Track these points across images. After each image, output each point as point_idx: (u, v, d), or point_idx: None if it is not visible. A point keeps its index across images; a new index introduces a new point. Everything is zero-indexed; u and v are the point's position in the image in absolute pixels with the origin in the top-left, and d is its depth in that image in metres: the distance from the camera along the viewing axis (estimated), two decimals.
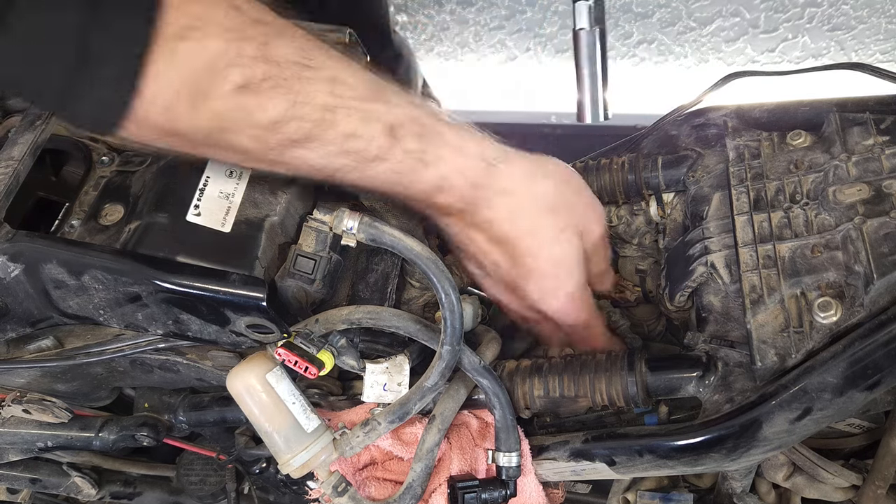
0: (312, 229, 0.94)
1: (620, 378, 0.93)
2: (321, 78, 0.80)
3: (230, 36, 0.74)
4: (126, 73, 0.71)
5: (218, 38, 0.73)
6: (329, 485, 0.93)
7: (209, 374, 1.01)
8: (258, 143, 0.81)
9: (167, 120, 0.76)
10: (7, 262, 0.85)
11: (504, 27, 2.36)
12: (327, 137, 0.82)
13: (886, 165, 0.87)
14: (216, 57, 0.74)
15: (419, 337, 0.93)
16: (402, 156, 0.86)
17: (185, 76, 0.73)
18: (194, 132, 0.78)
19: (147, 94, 0.72)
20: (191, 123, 0.77)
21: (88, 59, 0.69)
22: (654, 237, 1.13)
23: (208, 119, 0.77)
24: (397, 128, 0.85)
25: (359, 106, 0.82)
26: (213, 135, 0.79)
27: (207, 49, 0.73)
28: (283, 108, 0.78)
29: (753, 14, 2.24)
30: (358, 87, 0.83)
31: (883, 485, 0.98)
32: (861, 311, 0.81)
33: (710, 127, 1.07)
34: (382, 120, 0.84)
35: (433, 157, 0.88)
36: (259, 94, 0.77)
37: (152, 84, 0.72)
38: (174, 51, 0.71)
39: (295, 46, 0.79)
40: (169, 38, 0.71)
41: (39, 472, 1.27)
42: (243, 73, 0.75)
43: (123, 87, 0.72)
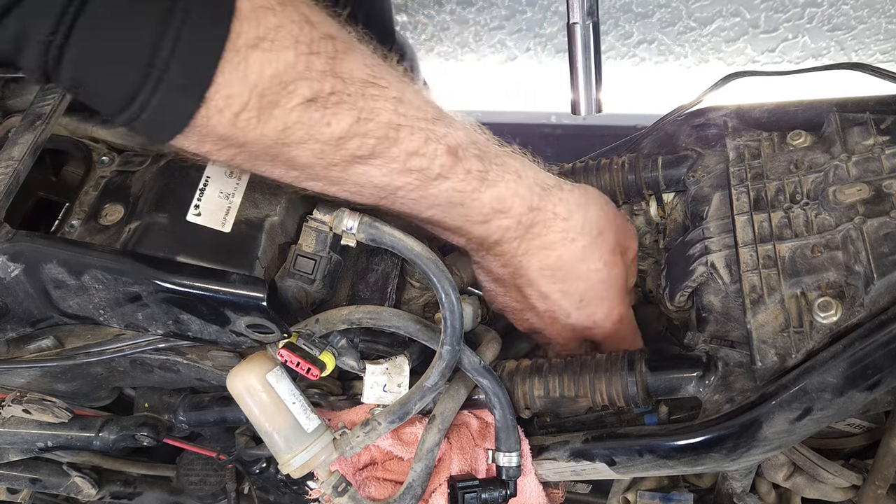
0: (312, 229, 0.93)
1: (620, 378, 0.93)
2: (387, 96, 0.80)
3: (301, 49, 0.74)
4: (194, 79, 0.70)
5: (289, 50, 0.73)
6: (329, 485, 0.93)
7: (209, 374, 1.01)
8: (320, 158, 0.80)
9: (231, 130, 0.75)
10: (7, 261, 0.84)
11: (504, 27, 2.36)
12: (391, 155, 0.82)
13: (886, 165, 0.87)
14: (286, 69, 0.73)
15: (419, 337, 0.93)
16: (464, 175, 0.87)
17: (254, 87, 0.72)
18: (257, 144, 0.77)
19: (213, 103, 0.72)
20: (255, 135, 0.76)
21: (157, 63, 0.68)
22: (654, 237, 1.13)
23: (273, 131, 0.76)
24: (459, 148, 0.86)
25: (422, 125, 0.83)
26: (275, 147, 0.78)
27: (278, 61, 0.72)
28: (348, 123, 0.78)
29: (753, 14, 2.24)
30: (422, 107, 0.84)
31: (883, 485, 0.98)
32: (861, 311, 0.81)
33: (710, 127, 1.08)
34: (445, 140, 0.85)
35: (494, 177, 0.89)
36: (325, 109, 0.77)
37: (220, 92, 0.71)
38: (245, 60, 0.71)
39: (363, 63, 0.79)
40: (241, 47, 0.70)
41: (39, 472, 1.27)
42: (311, 87, 0.75)
43: (190, 94, 0.71)
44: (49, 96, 0.97)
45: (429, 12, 2.34)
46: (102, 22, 0.66)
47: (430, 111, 0.85)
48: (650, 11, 2.25)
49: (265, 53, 0.71)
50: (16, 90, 1.11)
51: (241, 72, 0.71)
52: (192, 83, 0.70)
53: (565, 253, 0.96)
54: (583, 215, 0.96)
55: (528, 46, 2.40)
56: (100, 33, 0.66)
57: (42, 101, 0.96)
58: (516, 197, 0.91)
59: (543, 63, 2.43)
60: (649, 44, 2.33)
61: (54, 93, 0.97)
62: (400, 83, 0.83)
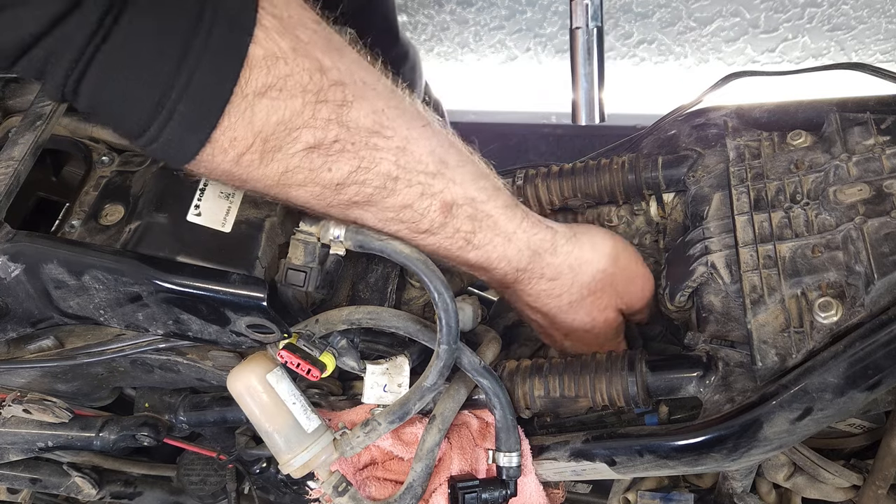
0: (300, 241, 0.92)
1: (621, 378, 0.93)
2: (389, 147, 0.82)
3: (309, 98, 0.76)
4: (201, 120, 0.73)
5: (297, 98, 0.75)
6: (329, 485, 0.93)
7: (210, 374, 1.01)
8: (319, 199, 0.83)
9: (235, 168, 0.78)
10: (7, 262, 0.84)
11: (504, 27, 2.35)
12: (385, 204, 0.85)
13: (887, 165, 0.88)
14: (292, 117, 0.75)
15: (419, 337, 0.93)
16: (453, 233, 0.90)
17: (259, 132, 0.75)
18: (260, 183, 0.81)
19: (219, 143, 0.75)
20: (257, 174, 0.79)
21: (167, 102, 0.71)
22: (654, 237, 1.12)
23: (274, 173, 0.79)
24: (454, 206, 0.88)
25: (420, 179, 0.85)
26: (276, 187, 0.81)
27: (285, 108, 0.75)
28: (347, 171, 0.81)
29: (753, 14, 2.24)
30: (423, 159, 0.85)
31: (883, 485, 0.98)
32: (862, 311, 0.81)
33: (711, 127, 1.07)
34: (440, 197, 0.87)
35: (481, 240, 0.91)
36: (327, 156, 0.79)
37: (225, 134, 0.74)
38: (251, 107, 0.73)
39: (371, 111, 0.80)
40: (248, 94, 0.73)
41: (40, 472, 1.27)
42: (315, 135, 0.77)
43: (196, 133, 0.74)
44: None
45: (429, 12, 2.33)
46: (120, 59, 0.69)
47: (431, 164, 0.86)
48: (650, 11, 2.25)
49: (272, 101, 0.74)
50: (16, 90, 1.11)
51: (246, 117, 0.74)
52: (198, 124, 0.73)
53: (550, 303, 0.99)
54: (572, 278, 0.98)
55: (528, 46, 2.40)
56: (116, 69, 0.69)
57: (42, 101, 0.96)
58: (503, 260, 0.94)
59: (543, 63, 2.42)
60: (649, 44, 2.33)
61: None
62: (408, 130, 0.84)
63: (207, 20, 0.70)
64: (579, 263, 0.98)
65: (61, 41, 0.67)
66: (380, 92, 0.82)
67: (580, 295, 0.99)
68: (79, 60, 0.68)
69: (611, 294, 1.01)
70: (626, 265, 1.02)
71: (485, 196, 0.91)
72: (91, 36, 0.67)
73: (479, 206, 0.90)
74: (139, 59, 0.69)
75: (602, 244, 1.01)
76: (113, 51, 0.68)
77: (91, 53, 0.68)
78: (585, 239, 1.00)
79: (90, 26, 0.67)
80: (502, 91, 2.50)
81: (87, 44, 0.67)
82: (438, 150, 0.87)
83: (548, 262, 0.96)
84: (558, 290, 0.98)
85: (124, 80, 0.70)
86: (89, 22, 0.66)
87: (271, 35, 0.73)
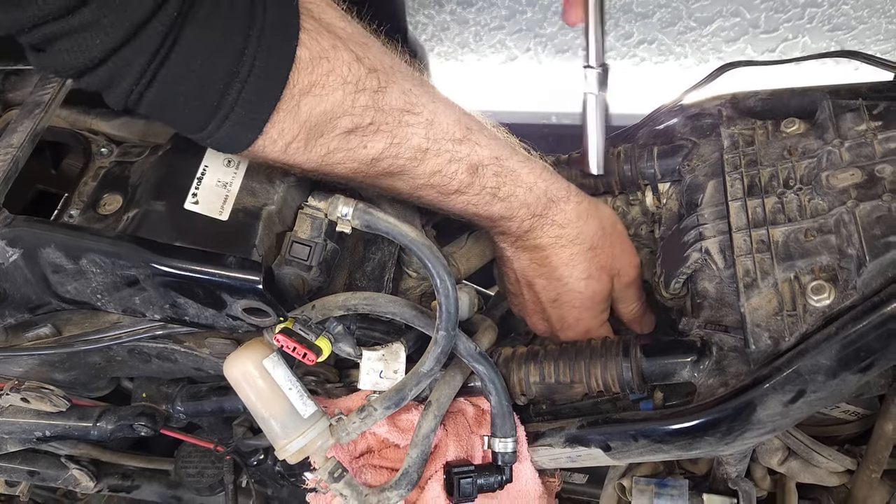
0: (308, 216, 0.94)
1: (616, 364, 0.93)
2: (419, 122, 0.90)
3: (348, 89, 0.84)
4: (254, 119, 0.81)
5: (338, 91, 0.83)
6: (325, 471, 0.93)
7: (207, 362, 1.01)
8: (356, 173, 0.91)
9: (282, 155, 0.86)
10: (6, 246, 0.85)
11: (504, 27, 2.36)
12: (416, 172, 0.93)
13: (879, 150, 0.88)
14: (333, 107, 0.84)
15: (415, 323, 0.93)
16: (480, 190, 0.97)
17: (304, 123, 0.83)
18: (303, 165, 0.88)
19: (269, 136, 0.83)
20: (303, 158, 0.87)
21: (223, 106, 0.79)
22: (650, 227, 1.13)
23: (317, 156, 0.87)
24: (479, 166, 0.95)
25: (448, 147, 0.93)
26: (317, 167, 0.89)
27: (327, 101, 0.83)
28: (382, 147, 0.89)
29: (754, 14, 2.24)
30: (450, 128, 0.93)
31: (877, 469, 0.98)
32: (854, 294, 0.81)
33: (705, 116, 1.08)
34: (466, 160, 0.94)
35: (506, 193, 0.99)
36: (363, 136, 0.87)
37: (275, 129, 0.82)
38: (298, 103, 0.81)
39: (402, 92, 0.88)
40: (296, 93, 0.81)
41: (37, 465, 1.27)
42: (353, 120, 0.86)
43: (249, 130, 0.82)
44: (48, 86, 0.98)
45: (429, 12, 2.34)
46: (181, 73, 0.76)
47: (457, 132, 0.93)
48: (650, 11, 2.26)
49: (316, 97, 0.82)
50: (16, 83, 1.11)
51: (293, 112, 0.82)
52: (251, 123, 0.81)
53: (552, 255, 1.04)
54: (579, 227, 1.03)
55: (528, 46, 2.40)
56: (177, 82, 0.76)
57: (41, 90, 0.97)
58: (522, 207, 1.00)
59: (543, 63, 2.43)
60: (649, 44, 2.34)
61: (53, 82, 0.98)
62: (433, 104, 0.92)
63: (257, 31, 0.77)
64: (588, 215, 1.04)
65: (127, 61, 0.74)
66: (405, 73, 0.90)
67: (582, 247, 1.04)
68: (143, 76, 0.75)
69: (608, 254, 1.06)
70: (622, 232, 1.10)
71: (507, 153, 0.98)
72: (154, 54, 0.74)
73: (503, 162, 0.97)
74: (198, 71, 0.76)
75: (604, 208, 1.09)
76: (174, 66, 0.75)
77: (155, 69, 0.75)
78: (592, 200, 1.07)
79: (154, 46, 0.73)
80: (502, 91, 2.50)
81: (148, 66, 0.74)
82: (463, 118, 0.94)
83: (561, 208, 1.02)
84: (564, 238, 1.03)
85: (185, 90, 0.77)
86: (153, 42, 0.73)
87: (314, 37, 0.81)
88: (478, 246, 1.18)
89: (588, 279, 1.05)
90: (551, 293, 1.07)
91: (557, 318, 1.08)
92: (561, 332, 1.09)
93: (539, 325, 1.12)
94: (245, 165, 0.97)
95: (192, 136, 0.83)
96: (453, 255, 1.17)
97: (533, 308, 1.11)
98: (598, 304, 1.07)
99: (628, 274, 1.08)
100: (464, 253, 1.18)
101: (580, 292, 1.05)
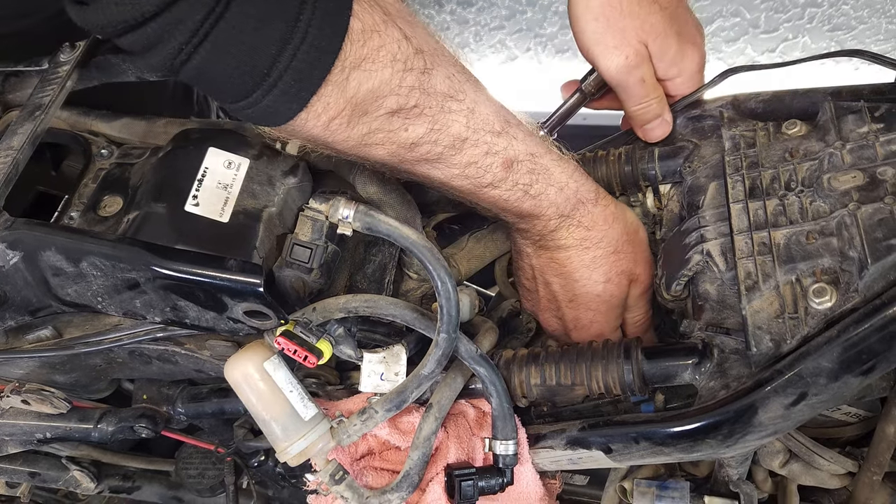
0: (308, 218, 0.94)
1: (617, 366, 0.93)
2: (461, 109, 0.88)
3: (397, 67, 0.81)
4: (302, 90, 0.77)
5: (387, 68, 0.80)
6: (326, 473, 0.93)
7: (207, 364, 1.01)
8: (394, 157, 0.89)
9: (323, 132, 0.83)
10: (6, 249, 0.85)
11: (504, 27, 2.36)
12: (452, 161, 0.91)
13: (881, 152, 0.88)
14: (381, 85, 0.81)
15: (416, 325, 0.93)
16: (512, 185, 0.95)
17: (350, 98, 0.80)
18: (341, 144, 0.86)
19: (314, 109, 0.79)
20: (343, 137, 0.84)
21: (273, 73, 0.75)
22: (651, 229, 1.13)
23: (358, 135, 0.84)
24: (515, 162, 0.94)
25: (486, 139, 0.91)
26: (356, 147, 0.87)
27: (376, 78, 0.80)
28: (422, 132, 0.87)
29: (754, 14, 2.24)
30: (490, 119, 0.91)
31: (878, 471, 0.98)
32: (856, 297, 0.81)
33: (707, 118, 1.08)
34: (503, 154, 0.93)
35: (537, 191, 0.97)
36: (407, 119, 0.85)
37: (321, 102, 0.79)
38: (347, 79, 0.78)
39: (446, 76, 0.86)
40: (346, 67, 0.77)
41: (38, 466, 1.27)
42: (398, 101, 0.83)
43: (296, 102, 0.78)
44: (48, 88, 0.98)
45: (429, 12, 2.34)
46: (230, 38, 0.72)
47: (496, 124, 0.92)
48: None
49: (365, 72, 0.79)
50: (16, 84, 1.11)
51: (341, 87, 0.79)
52: (298, 94, 0.77)
53: (575, 256, 1.02)
54: (604, 231, 1.02)
55: (528, 46, 2.40)
56: (227, 47, 0.73)
57: (41, 92, 0.97)
58: (551, 206, 0.99)
59: (543, 63, 2.43)
60: None
61: (53, 84, 0.98)
62: (475, 93, 0.90)
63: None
64: (614, 218, 1.03)
65: (177, 20, 0.70)
66: (448, 58, 0.88)
67: (605, 251, 1.03)
68: (191, 39, 0.71)
69: (630, 259, 1.05)
70: (644, 240, 1.08)
71: (542, 150, 0.97)
72: (207, 14, 0.70)
73: (537, 159, 0.96)
74: (248, 38, 0.73)
75: (630, 213, 1.08)
76: (225, 30, 0.71)
77: (205, 33, 0.71)
78: (619, 204, 1.06)
79: (208, 5, 0.70)
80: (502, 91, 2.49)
81: (202, 24, 0.71)
82: (502, 110, 0.93)
83: (589, 210, 1.01)
84: (589, 241, 1.02)
85: (233, 57, 0.74)
86: (205, 3, 0.70)
87: (366, 9, 0.78)
88: (478, 247, 1.18)
89: (607, 283, 1.04)
90: (568, 293, 1.05)
91: (572, 318, 1.07)
92: (573, 333, 1.08)
93: (552, 322, 1.11)
94: (245, 167, 0.97)
95: (231, 105, 0.79)
96: (454, 256, 1.17)
97: (547, 305, 1.09)
98: (613, 309, 1.06)
99: (644, 283, 1.07)
100: (464, 254, 1.18)
101: (598, 295, 1.04)
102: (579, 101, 1.17)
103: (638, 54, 1.03)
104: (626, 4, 1.01)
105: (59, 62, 0.99)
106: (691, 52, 1.07)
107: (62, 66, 0.99)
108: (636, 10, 1.01)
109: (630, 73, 1.04)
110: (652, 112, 1.07)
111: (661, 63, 1.06)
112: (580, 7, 1.03)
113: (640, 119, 1.09)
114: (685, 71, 1.08)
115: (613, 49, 1.03)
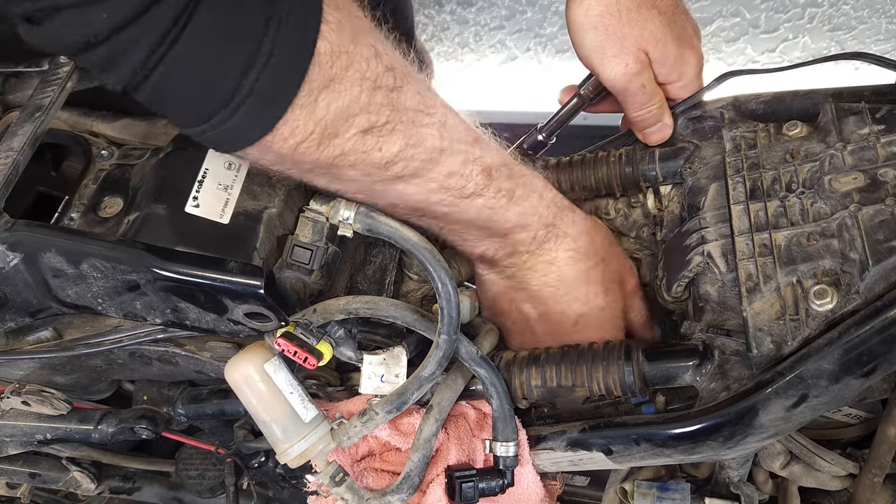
0: (309, 219, 0.94)
1: (617, 367, 0.93)
2: (433, 123, 0.86)
3: (366, 85, 0.78)
4: (266, 115, 0.75)
5: (356, 86, 0.78)
6: (327, 475, 0.93)
7: (208, 366, 1.01)
8: (368, 176, 0.86)
9: (292, 154, 0.80)
10: (6, 251, 0.85)
11: (504, 27, 2.36)
12: (430, 175, 0.88)
13: (882, 154, 0.88)
14: (350, 104, 0.78)
15: (416, 327, 0.93)
16: (495, 193, 0.93)
17: (319, 120, 0.77)
18: (312, 164, 0.83)
19: (280, 132, 0.76)
20: (313, 158, 0.81)
21: (237, 98, 0.72)
22: (651, 230, 1.13)
23: (329, 156, 0.81)
24: (493, 168, 0.92)
25: (462, 148, 0.89)
26: (329, 168, 0.84)
27: (345, 97, 0.77)
28: (397, 149, 0.84)
29: (754, 14, 2.24)
30: (461, 131, 0.90)
31: (879, 473, 0.98)
32: (857, 298, 0.81)
33: (707, 119, 1.08)
34: (481, 161, 0.91)
35: (520, 195, 0.96)
36: (379, 137, 0.82)
37: (288, 124, 0.76)
38: (315, 100, 0.76)
39: (416, 92, 0.84)
40: (314, 88, 0.75)
41: (39, 467, 1.27)
42: (369, 119, 0.80)
43: (259, 126, 0.76)
44: (48, 89, 0.97)
45: (429, 12, 2.34)
46: (191, 59, 0.70)
47: (469, 134, 0.91)
48: None
49: (334, 93, 0.76)
50: (16, 85, 1.11)
51: (309, 109, 0.76)
52: (263, 118, 0.75)
53: (567, 271, 1.00)
54: (590, 240, 1.01)
55: (528, 46, 2.40)
56: (186, 68, 0.70)
57: (41, 93, 0.97)
58: (536, 214, 0.97)
59: (543, 63, 2.43)
60: None
61: (54, 85, 0.97)
62: (444, 107, 0.88)
63: (276, 20, 0.71)
64: (593, 226, 1.03)
65: (133, 40, 0.68)
66: (416, 74, 0.86)
67: (595, 260, 1.01)
68: (149, 58, 0.69)
69: (617, 263, 1.04)
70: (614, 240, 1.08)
71: (513, 161, 0.97)
72: (164, 35, 0.67)
73: (512, 168, 0.96)
74: (209, 59, 0.70)
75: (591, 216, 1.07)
76: (184, 51, 0.69)
77: (163, 52, 0.68)
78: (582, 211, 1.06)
79: (164, 26, 0.67)
80: (502, 91, 2.50)
81: (160, 43, 0.68)
82: (469, 123, 0.92)
83: (571, 218, 1.01)
84: (579, 252, 1.00)
85: (192, 78, 0.71)
86: (163, 22, 0.67)
87: (335, 29, 0.75)
88: None
89: (606, 293, 1.02)
90: (571, 317, 1.02)
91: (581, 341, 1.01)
92: None
93: None
94: (246, 168, 0.96)
95: (190, 129, 0.76)
96: (454, 258, 1.16)
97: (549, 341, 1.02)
98: (617, 318, 1.03)
99: (630, 282, 1.06)
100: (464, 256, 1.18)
101: (602, 308, 1.02)
102: (577, 106, 1.17)
103: (638, 61, 1.03)
104: (625, 12, 1.01)
105: (60, 63, 0.99)
106: (690, 55, 1.07)
107: (62, 66, 0.98)
108: (635, 17, 1.01)
109: (631, 80, 1.04)
110: (653, 117, 1.07)
111: (662, 68, 1.06)
112: (579, 16, 1.02)
113: (642, 124, 1.09)
114: (685, 75, 1.08)
115: (613, 58, 1.02)
